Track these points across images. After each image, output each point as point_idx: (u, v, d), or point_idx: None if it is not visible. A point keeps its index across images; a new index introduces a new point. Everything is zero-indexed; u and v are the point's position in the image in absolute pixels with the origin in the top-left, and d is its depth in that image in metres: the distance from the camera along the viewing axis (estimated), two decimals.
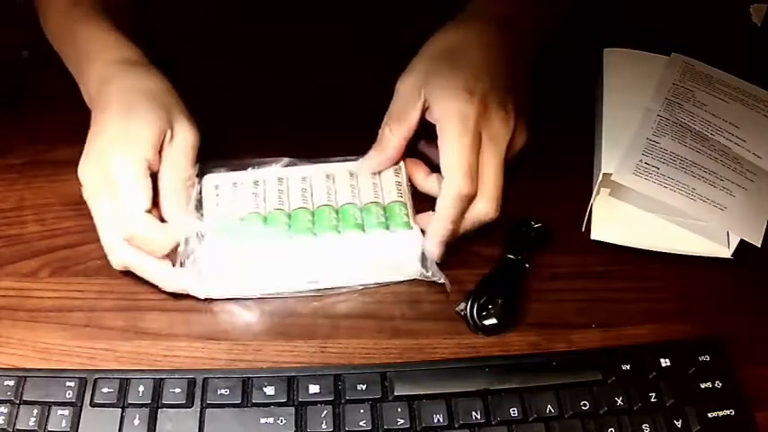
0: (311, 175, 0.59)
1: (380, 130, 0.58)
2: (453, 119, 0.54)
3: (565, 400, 0.51)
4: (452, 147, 0.54)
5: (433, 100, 0.56)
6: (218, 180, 0.58)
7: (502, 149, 0.56)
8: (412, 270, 0.57)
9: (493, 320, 0.55)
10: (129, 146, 0.53)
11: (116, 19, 0.61)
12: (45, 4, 0.63)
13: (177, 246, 0.54)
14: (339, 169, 0.59)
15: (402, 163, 0.59)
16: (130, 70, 0.57)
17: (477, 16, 0.60)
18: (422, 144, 0.59)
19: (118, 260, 0.55)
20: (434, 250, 0.56)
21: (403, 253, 0.56)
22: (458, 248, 0.58)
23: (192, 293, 0.55)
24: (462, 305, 0.56)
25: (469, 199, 0.55)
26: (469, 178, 0.54)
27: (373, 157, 0.58)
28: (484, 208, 0.55)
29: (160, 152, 0.54)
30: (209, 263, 0.54)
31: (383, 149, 0.58)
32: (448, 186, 0.54)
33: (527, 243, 0.59)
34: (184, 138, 0.55)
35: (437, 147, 0.55)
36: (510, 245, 0.59)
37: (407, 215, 0.57)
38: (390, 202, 0.57)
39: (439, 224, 0.55)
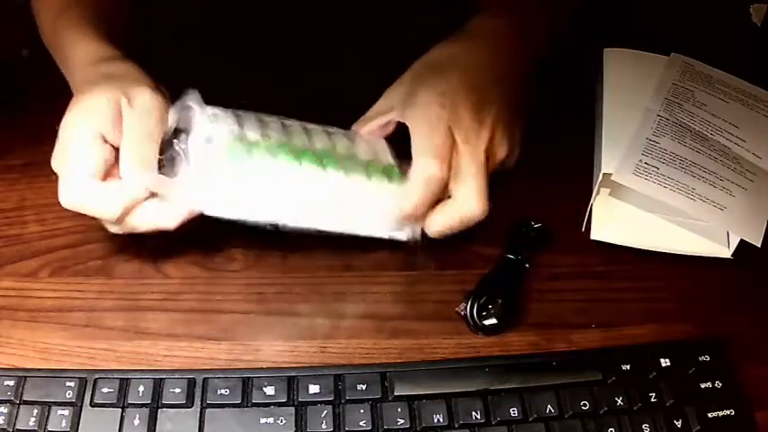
0: (313, 128, 0.57)
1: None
2: (424, 118, 0.54)
3: (565, 400, 0.51)
4: (421, 136, 0.54)
5: (408, 106, 0.56)
6: (215, 110, 0.55)
7: (479, 151, 0.55)
8: (400, 229, 0.55)
9: (493, 320, 0.55)
10: (81, 116, 0.53)
11: (108, 23, 0.60)
12: (37, 11, 0.63)
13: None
14: (338, 131, 0.58)
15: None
16: (99, 64, 0.57)
17: (469, 34, 0.60)
18: None
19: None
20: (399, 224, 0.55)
21: (391, 210, 0.54)
22: (458, 248, 0.59)
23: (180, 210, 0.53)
24: (462, 305, 0.56)
25: (440, 184, 0.53)
26: (439, 159, 0.53)
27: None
28: (468, 204, 0.54)
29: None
30: (201, 164, 0.52)
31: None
32: (416, 169, 0.53)
33: (527, 243, 0.59)
34: (143, 100, 0.53)
35: None
36: (510, 245, 0.59)
37: (398, 173, 0.55)
38: (388, 164, 0.56)
39: (404, 200, 0.53)
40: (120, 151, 0.52)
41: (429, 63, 0.58)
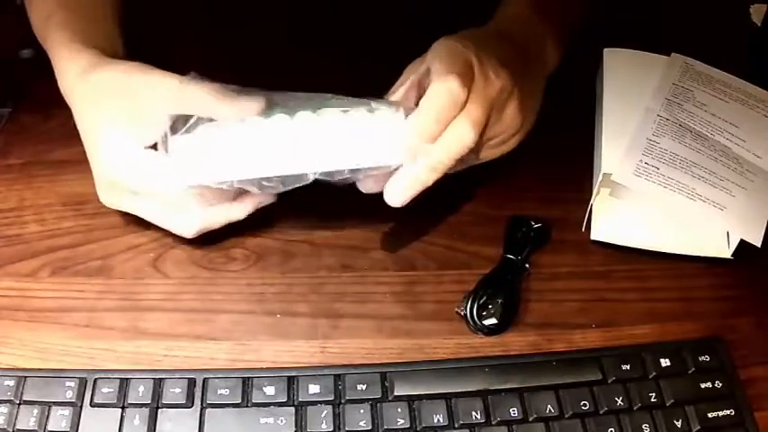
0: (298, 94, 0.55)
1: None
2: (446, 50, 0.54)
3: (565, 400, 0.51)
4: (442, 61, 0.53)
5: (433, 49, 0.55)
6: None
7: (494, 90, 0.53)
8: (397, 152, 0.52)
9: (493, 320, 0.55)
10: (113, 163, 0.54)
11: (96, 21, 0.60)
12: (29, 15, 0.63)
13: None
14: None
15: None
16: (86, 81, 0.56)
17: (493, 25, 0.60)
18: None
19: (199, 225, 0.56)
20: (409, 147, 0.52)
21: (388, 133, 0.52)
22: (458, 248, 0.59)
23: (170, 182, 0.53)
24: (462, 305, 0.56)
25: (458, 100, 0.52)
26: (460, 79, 0.51)
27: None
28: (464, 129, 0.52)
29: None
30: (183, 146, 0.52)
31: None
32: (437, 83, 0.51)
33: (527, 243, 0.59)
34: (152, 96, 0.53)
35: None
36: (510, 245, 0.59)
37: (394, 105, 0.54)
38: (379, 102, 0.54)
39: (423, 119, 0.51)
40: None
41: (455, 36, 0.57)
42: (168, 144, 0.52)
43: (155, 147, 0.53)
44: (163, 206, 0.55)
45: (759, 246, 0.57)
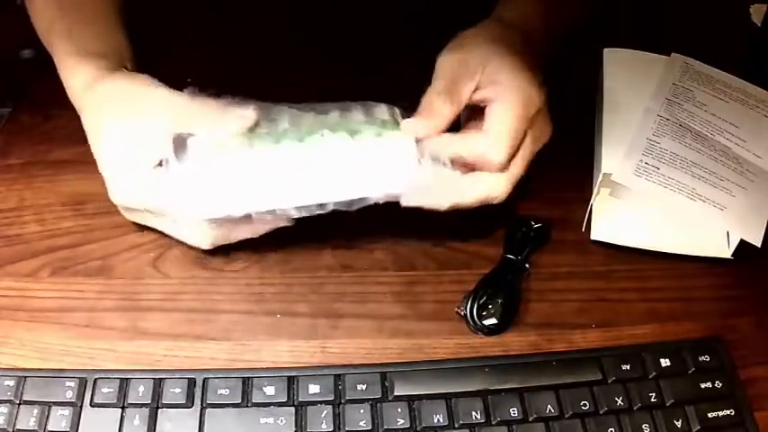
0: (298, 108, 0.55)
1: (429, 99, 0.54)
2: (517, 94, 0.53)
3: (565, 400, 0.51)
4: (508, 116, 0.53)
5: (499, 76, 0.54)
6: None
7: (537, 147, 0.55)
8: (408, 176, 0.53)
9: (493, 320, 0.55)
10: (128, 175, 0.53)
11: (100, 30, 0.60)
12: (32, 21, 0.63)
13: None
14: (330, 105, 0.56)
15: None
16: (94, 92, 0.56)
17: (499, 22, 0.60)
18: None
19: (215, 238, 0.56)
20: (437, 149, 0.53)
21: (397, 158, 0.52)
22: (458, 248, 0.58)
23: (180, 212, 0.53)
24: (462, 305, 0.56)
25: (493, 167, 0.53)
26: (510, 150, 0.53)
27: (420, 122, 0.54)
28: (496, 183, 0.53)
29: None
30: (191, 175, 0.51)
31: (433, 117, 0.54)
32: (487, 138, 0.53)
33: (527, 243, 0.59)
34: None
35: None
36: (510, 245, 0.59)
37: (399, 125, 0.53)
38: (382, 120, 0.54)
39: (450, 143, 0.53)
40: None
41: (484, 38, 0.57)
42: (174, 168, 0.52)
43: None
44: (175, 223, 0.56)
45: (759, 246, 0.57)
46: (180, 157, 0.52)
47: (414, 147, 0.53)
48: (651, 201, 0.58)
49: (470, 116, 0.56)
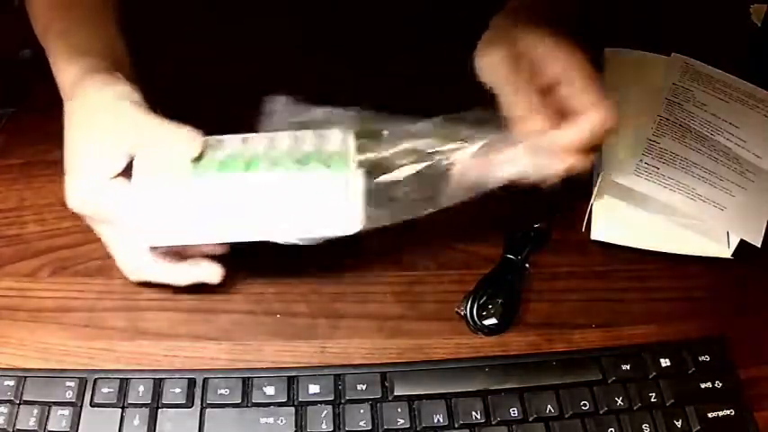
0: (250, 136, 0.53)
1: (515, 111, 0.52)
2: (574, 52, 0.52)
3: (565, 400, 0.51)
4: (585, 76, 0.51)
5: (550, 52, 0.52)
6: None
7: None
8: (353, 219, 0.51)
9: (493, 320, 0.55)
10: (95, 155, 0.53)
11: (94, 31, 0.59)
12: (30, 14, 0.63)
13: None
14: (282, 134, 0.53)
15: (351, 134, 0.53)
16: (72, 99, 0.55)
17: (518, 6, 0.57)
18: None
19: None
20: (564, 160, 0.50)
21: (342, 197, 0.50)
22: (458, 248, 0.58)
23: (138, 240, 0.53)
24: (462, 305, 0.56)
25: (601, 137, 0.50)
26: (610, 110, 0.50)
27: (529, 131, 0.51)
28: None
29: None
30: (139, 207, 0.51)
31: (534, 120, 0.51)
32: (593, 114, 0.50)
33: (527, 243, 0.59)
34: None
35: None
36: (510, 245, 0.59)
37: (350, 161, 0.51)
38: (334, 152, 0.52)
39: (570, 133, 0.49)
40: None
41: (512, 20, 0.54)
42: (119, 186, 0.51)
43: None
44: (115, 237, 0.54)
45: (759, 246, 0.57)
46: (130, 175, 0.52)
47: (360, 185, 0.50)
48: (651, 201, 0.58)
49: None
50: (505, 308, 0.56)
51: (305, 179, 0.51)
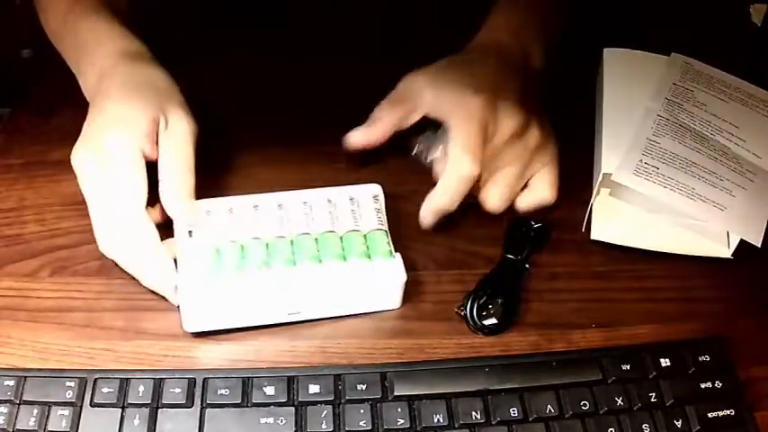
0: (287, 201, 0.57)
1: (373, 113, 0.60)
2: (461, 108, 0.56)
3: (565, 400, 0.51)
4: (459, 132, 0.56)
5: (441, 95, 0.58)
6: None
7: (505, 136, 0.57)
8: (395, 300, 0.56)
9: (493, 320, 0.55)
10: (124, 130, 0.54)
11: (117, 15, 0.61)
12: (44, 5, 0.63)
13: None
14: (316, 196, 0.57)
15: (380, 189, 0.58)
16: (131, 62, 0.58)
17: (477, 48, 0.62)
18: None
19: (108, 250, 0.55)
20: (427, 217, 0.58)
21: (385, 282, 0.55)
22: (458, 248, 0.58)
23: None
24: (462, 305, 0.56)
25: (472, 181, 0.56)
26: (473, 158, 0.55)
27: (358, 130, 0.59)
28: (493, 196, 0.58)
29: (158, 143, 0.55)
30: (188, 301, 0.53)
31: (369, 125, 0.59)
32: (452, 166, 0.56)
33: (527, 243, 0.59)
34: (180, 126, 0.55)
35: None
36: (509, 245, 0.59)
37: (389, 243, 0.56)
38: (370, 230, 0.56)
39: (438, 198, 0.57)
40: (161, 181, 0.54)
41: (446, 66, 0.60)
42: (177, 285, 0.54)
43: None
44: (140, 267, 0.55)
45: (759, 246, 0.57)
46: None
47: (402, 275, 0.55)
48: (651, 201, 0.58)
49: None
50: (505, 308, 0.56)
51: (349, 271, 0.54)
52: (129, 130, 0.54)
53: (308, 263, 0.54)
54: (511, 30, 0.62)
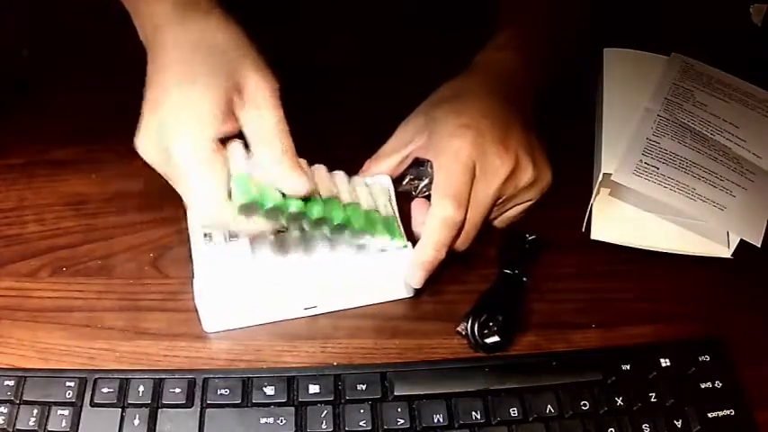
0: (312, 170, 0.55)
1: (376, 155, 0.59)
2: (446, 150, 0.55)
3: (565, 400, 0.51)
4: (443, 174, 0.55)
5: (430, 137, 0.57)
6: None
7: (495, 183, 0.55)
8: (409, 288, 0.57)
9: (495, 338, 0.54)
10: (191, 125, 0.48)
11: None
12: None
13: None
14: (337, 177, 0.56)
15: (390, 182, 0.58)
16: (188, 18, 0.51)
17: (479, 69, 0.61)
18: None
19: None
20: (416, 274, 0.55)
21: (400, 273, 0.55)
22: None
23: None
24: (463, 324, 0.55)
25: (457, 226, 0.54)
26: (456, 202, 0.53)
27: (368, 162, 0.59)
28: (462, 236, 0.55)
29: (234, 112, 0.49)
30: (206, 302, 0.53)
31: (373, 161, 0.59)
32: (435, 211, 0.54)
33: (522, 256, 0.59)
34: (258, 92, 0.50)
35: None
36: (505, 259, 0.58)
37: (402, 234, 0.56)
38: (387, 215, 0.56)
39: (423, 249, 0.54)
40: (254, 155, 0.49)
41: (442, 97, 0.59)
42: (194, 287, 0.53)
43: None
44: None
45: (759, 246, 0.57)
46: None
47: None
48: (651, 201, 0.58)
49: None
50: (506, 324, 0.55)
51: (366, 260, 0.55)
52: (195, 129, 0.48)
53: (324, 252, 0.54)
54: (516, 47, 0.61)
